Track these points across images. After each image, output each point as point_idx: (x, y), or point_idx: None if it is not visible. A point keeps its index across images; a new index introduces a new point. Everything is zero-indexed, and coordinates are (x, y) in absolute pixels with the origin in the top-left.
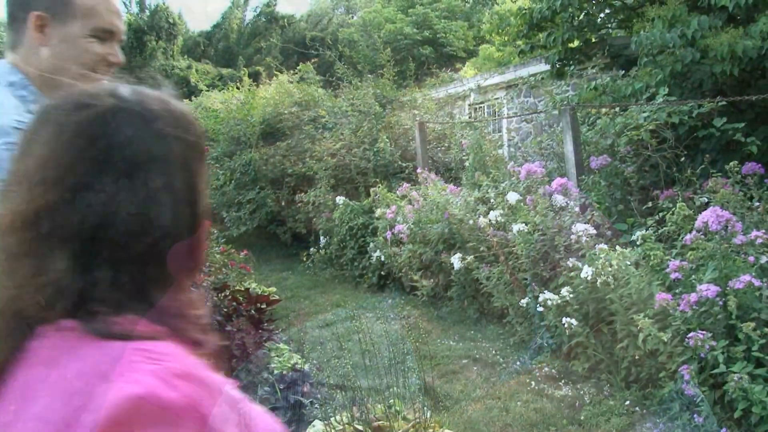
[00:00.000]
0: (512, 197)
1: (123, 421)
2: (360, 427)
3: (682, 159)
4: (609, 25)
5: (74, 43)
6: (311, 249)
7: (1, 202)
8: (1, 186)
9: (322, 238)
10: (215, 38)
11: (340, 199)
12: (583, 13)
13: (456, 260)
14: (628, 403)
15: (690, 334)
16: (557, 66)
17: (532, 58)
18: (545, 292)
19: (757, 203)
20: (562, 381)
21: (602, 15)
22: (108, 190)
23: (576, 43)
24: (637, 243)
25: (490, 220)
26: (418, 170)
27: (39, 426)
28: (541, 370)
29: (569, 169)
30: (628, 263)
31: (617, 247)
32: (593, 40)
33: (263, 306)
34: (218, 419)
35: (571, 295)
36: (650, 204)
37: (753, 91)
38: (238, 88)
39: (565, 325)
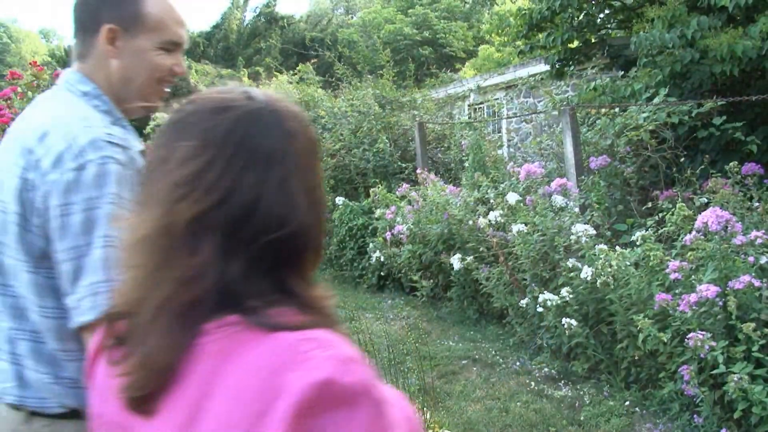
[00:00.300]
0: (512, 198)
1: (312, 405)
2: None
3: (682, 159)
4: (608, 26)
5: (144, 56)
6: None
7: (143, 208)
8: (120, 200)
9: None
10: (215, 39)
11: (339, 200)
12: (583, 14)
13: (456, 261)
14: (627, 403)
15: (690, 335)
16: (557, 66)
17: (531, 59)
18: (545, 292)
19: (757, 203)
20: (562, 381)
21: (602, 15)
22: (252, 187)
23: (575, 44)
24: (637, 243)
25: (489, 221)
26: (418, 171)
27: (227, 418)
28: (540, 371)
29: (569, 170)
30: (628, 264)
31: (617, 248)
32: (593, 41)
33: None
34: (387, 401)
35: (571, 296)
36: (650, 204)
37: (752, 91)
38: None
39: (565, 326)
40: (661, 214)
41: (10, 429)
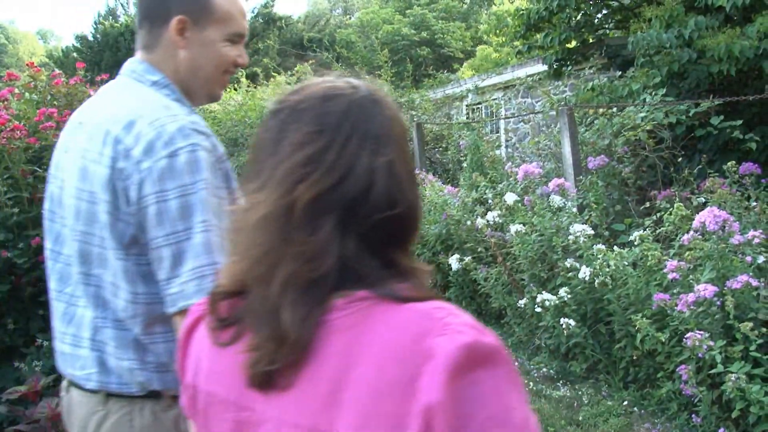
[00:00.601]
0: (510, 198)
1: (463, 366)
2: None
3: (680, 159)
4: (606, 26)
5: (212, 47)
6: None
7: (260, 189)
8: (203, 184)
9: None
10: None
11: None
12: (581, 14)
13: (454, 261)
14: (626, 403)
15: (688, 334)
16: (555, 66)
17: (529, 59)
18: (543, 292)
19: (755, 203)
20: (560, 381)
21: (599, 16)
22: (366, 169)
23: (573, 44)
24: (635, 243)
25: (487, 221)
26: (416, 171)
27: (377, 384)
28: (539, 371)
29: (567, 170)
30: (626, 263)
31: (615, 248)
32: (590, 41)
33: None
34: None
35: (569, 296)
36: (648, 204)
37: (749, 91)
38: (235, 89)
39: (563, 326)
40: (658, 214)
41: (87, 410)
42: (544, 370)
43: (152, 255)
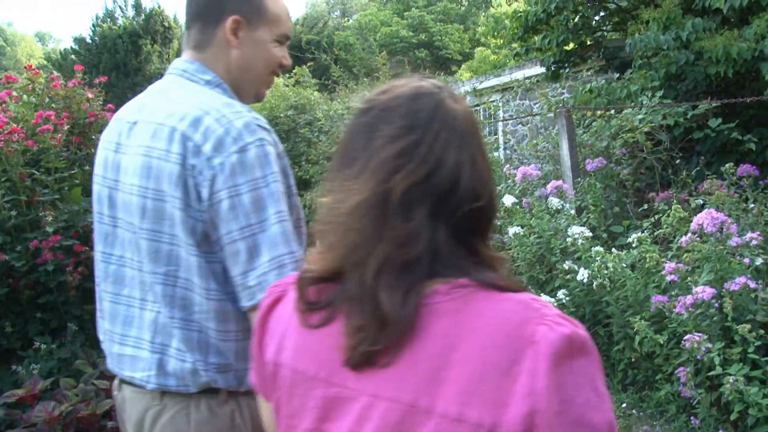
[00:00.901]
0: (508, 200)
1: (564, 354)
2: None
3: (678, 161)
4: (604, 28)
5: (263, 47)
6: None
7: (354, 179)
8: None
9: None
10: None
11: None
12: (578, 16)
13: None
14: (624, 405)
15: (686, 337)
16: (552, 68)
17: (527, 61)
18: (541, 294)
19: (752, 205)
20: None
21: (597, 18)
22: (454, 163)
23: (571, 46)
24: (633, 245)
25: None
26: None
27: (481, 365)
28: None
29: (565, 172)
30: (624, 266)
31: (613, 250)
32: (588, 43)
33: None
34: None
35: (568, 298)
36: (646, 206)
37: (747, 92)
38: None
39: None
40: (657, 216)
41: (142, 406)
42: None
43: (226, 250)
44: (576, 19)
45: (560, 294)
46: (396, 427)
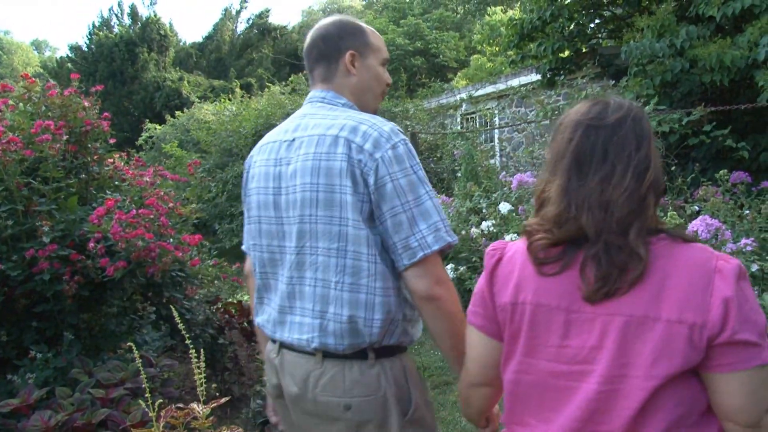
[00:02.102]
0: (504, 207)
1: (739, 276)
2: None
3: (673, 168)
4: (599, 35)
5: (374, 71)
6: None
7: (609, 176)
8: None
9: None
10: (207, 50)
11: None
12: (574, 24)
13: (448, 271)
14: None
15: None
16: (548, 76)
17: (523, 68)
18: None
19: (747, 211)
20: None
21: (592, 25)
22: (658, 164)
23: (567, 53)
24: None
25: (482, 231)
26: None
27: (687, 286)
28: None
29: None
30: None
31: None
32: (584, 50)
33: None
34: None
35: None
36: None
37: (742, 100)
38: (230, 99)
39: None
40: None
41: (306, 369)
42: None
43: (389, 222)
44: (571, 27)
45: None
46: (633, 332)
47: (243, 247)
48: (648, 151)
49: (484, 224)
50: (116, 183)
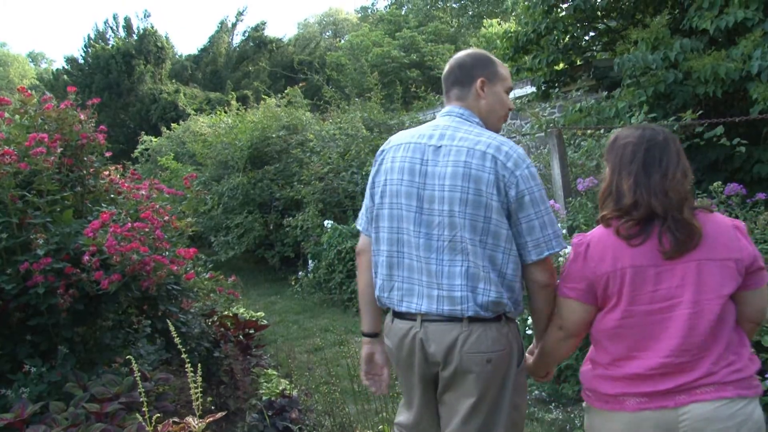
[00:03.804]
0: None
1: (742, 228)
2: None
3: None
4: (593, 48)
5: (499, 96)
6: (300, 273)
7: (657, 185)
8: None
9: (310, 262)
10: (203, 62)
11: (328, 223)
12: (568, 36)
13: None
14: None
15: None
16: (543, 88)
17: (518, 81)
18: None
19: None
20: (553, 404)
21: (587, 38)
22: (687, 164)
23: (561, 66)
24: None
25: None
26: None
27: (722, 240)
28: (531, 393)
29: (556, 191)
30: None
31: None
32: (578, 63)
33: (251, 331)
34: None
35: None
36: None
37: (735, 112)
38: (225, 112)
39: None
40: None
41: (453, 333)
42: (537, 392)
43: (524, 225)
44: (566, 40)
45: None
46: (703, 270)
47: (360, 227)
48: (684, 159)
49: None
50: (112, 196)
